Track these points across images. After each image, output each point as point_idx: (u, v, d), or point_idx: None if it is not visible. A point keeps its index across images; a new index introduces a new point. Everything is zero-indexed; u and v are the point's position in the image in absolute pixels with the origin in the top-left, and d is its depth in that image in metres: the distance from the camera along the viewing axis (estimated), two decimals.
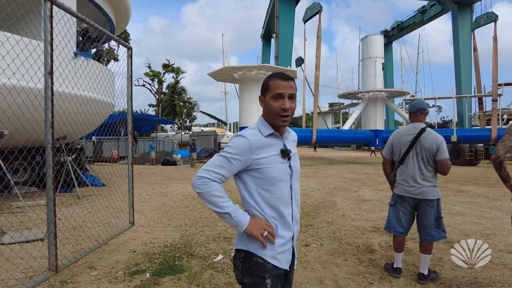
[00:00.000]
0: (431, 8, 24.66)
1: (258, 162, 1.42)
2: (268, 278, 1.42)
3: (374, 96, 24.41)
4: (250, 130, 1.48)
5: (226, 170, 1.41)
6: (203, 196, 1.40)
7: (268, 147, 1.45)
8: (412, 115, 3.29)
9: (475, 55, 21.58)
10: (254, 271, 1.43)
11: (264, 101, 1.48)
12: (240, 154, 1.40)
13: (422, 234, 3.17)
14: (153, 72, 45.68)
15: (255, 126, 1.51)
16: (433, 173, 3.14)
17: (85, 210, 5.94)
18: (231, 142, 1.44)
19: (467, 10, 22.34)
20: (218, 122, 49.44)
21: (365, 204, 7.04)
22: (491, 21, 20.14)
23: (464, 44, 22.16)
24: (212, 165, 1.41)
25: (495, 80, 19.01)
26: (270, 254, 1.43)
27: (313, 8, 19.30)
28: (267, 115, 1.49)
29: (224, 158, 1.40)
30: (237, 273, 1.50)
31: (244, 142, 1.41)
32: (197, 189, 1.40)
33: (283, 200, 1.47)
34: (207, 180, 1.39)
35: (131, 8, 11.34)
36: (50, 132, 2.73)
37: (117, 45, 6.71)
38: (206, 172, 1.40)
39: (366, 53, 25.56)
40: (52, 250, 2.79)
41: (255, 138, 1.43)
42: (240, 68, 18.41)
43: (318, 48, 19.06)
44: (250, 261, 1.44)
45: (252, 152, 1.41)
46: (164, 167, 16.86)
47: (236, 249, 1.51)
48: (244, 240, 1.47)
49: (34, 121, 4.13)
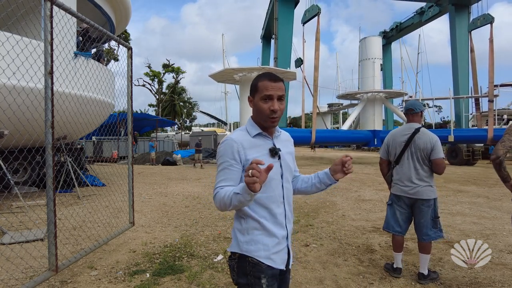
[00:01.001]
0: (429, 9, 25.00)
1: (249, 162, 1.40)
2: (264, 278, 1.42)
3: (373, 96, 24.64)
4: (237, 132, 1.49)
5: (231, 179, 1.40)
6: (223, 206, 1.35)
7: (257, 146, 1.45)
8: (408, 115, 3.33)
9: (472, 56, 21.78)
10: (249, 271, 1.43)
11: (253, 102, 1.48)
12: (233, 157, 1.40)
13: (419, 234, 3.19)
14: (153, 72, 45.68)
15: (244, 127, 1.52)
16: (429, 173, 3.15)
17: (85, 210, 5.95)
18: (219, 151, 1.44)
19: (464, 12, 22.65)
20: (218, 122, 49.42)
21: (365, 204, 7.04)
22: (487, 22, 20.28)
23: (461, 45, 22.47)
24: (217, 182, 1.41)
25: (491, 81, 19.17)
26: (264, 254, 1.43)
27: (311, 10, 19.51)
28: (256, 116, 1.49)
29: (222, 170, 1.41)
30: (232, 273, 1.50)
31: (230, 145, 1.41)
32: (217, 207, 1.39)
33: (275, 199, 1.47)
34: (216, 194, 1.39)
35: (131, 8, 11.34)
36: (50, 132, 2.73)
37: (117, 45, 6.71)
38: (215, 190, 1.40)
39: (365, 54, 25.82)
40: (52, 250, 2.79)
41: (242, 138, 1.44)
42: (240, 70, 18.62)
43: (316, 49, 19.25)
44: (245, 261, 1.44)
45: (242, 152, 1.41)
46: (164, 167, 16.87)
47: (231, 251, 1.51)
48: (237, 243, 1.47)
49: (34, 121, 4.13)
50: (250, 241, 1.44)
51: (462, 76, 22.44)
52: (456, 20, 22.46)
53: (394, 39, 30.92)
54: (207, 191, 8.68)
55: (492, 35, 19.46)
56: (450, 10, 23.05)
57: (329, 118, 49.50)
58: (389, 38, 30.54)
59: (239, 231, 1.48)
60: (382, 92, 24.72)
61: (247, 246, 1.44)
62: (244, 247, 1.44)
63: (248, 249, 1.43)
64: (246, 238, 1.45)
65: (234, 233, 1.51)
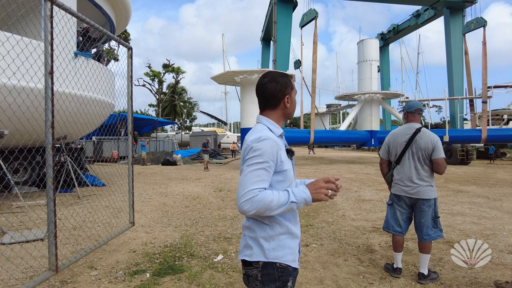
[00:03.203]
0: (425, 12, 25.59)
1: (281, 164, 1.38)
2: (290, 281, 1.42)
3: (370, 98, 25.21)
4: (266, 131, 1.40)
5: (267, 181, 1.32)
6: (262, 211, 1.27)
7: (282, 148, 1.42)
8: (408, 115, 3.33)
9: (466, 59, 22.39)
10: (278, 277, 1.40)
11: (290, 99, 1.48)
12: (273, 159, 1.33)
13: (420, 233, 3.19)
14: (153, 72, 45.70)
15: (264, 126, 1.44)
16: (429, 173, 3.15)
17: (85, 210, 5.95)
18: (260, 149, 1.31)
19: (459, 15, 23.27)
20: (218, 122, 49.41)
21: (365, 204, 7.04)
22: (480, 26, 20.86)
23: (456, 47, 23.12)
24: (252, 182, 1.27)
25: (485, 82, 19.70)
26: (292, 258, 1.43)
27: (309, 14, 20.13)
28: (286, 114, 1.50)
29: (261, 169, 1.29)
30: (254, 283, 1.41)
31: (273, 145, 1.33)
32: (252, 211, 1.26)
33: None
34: (256, 197, 1.26)
35: (131, 8, 11.34)
36: (50, 132, 2.73)
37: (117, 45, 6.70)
38: (251, 192, 1.26)
39: (362, 56, 26.45)
40: (52, 250, 2.79)
41: (276, 138, 1.39)
42: (241, 72, 19.13)
43: (314, 52, 19.84)
44: (273, 268, 1.39)
45: (279, 153, 1.36)
46: (164, 167, 16.86)
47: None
48: (262, 251, 1.40)
49: (34, 121, 4.14)
50: (277, 247, 1.40)
51: (456, 77, 23.13)
52: (450, 23, 23.18)
53: (391, 40, 31.64)
54: (207, 191, 8.68)
55: (485, 38, 20.01)
56: (445, 13, 23.73)
57: (327, 118, 49.66)
58: (386, 40, 31.26)
59: (264, 239, 1.40)
60: (379, 93, 25.34)
61: (274, 252, 1.39)
62: (271, 254, 1.39)
63: (276, 255, 1.39)
64: (273, 245, 1.39)
65: (257, 241, 1.41)
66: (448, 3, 22.72)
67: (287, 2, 21.38)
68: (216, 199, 7.53)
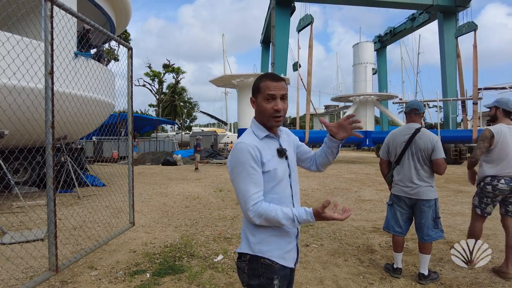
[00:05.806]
0: (420, 16, 26.10)
1: (265, 165, 1.40)
2: (276, 279, 1.42)
3: (365, 99, 25.68)
4: (246, 136, 1.46)
5: (260, 185, 1.37)
6: (265, 223, 1.37)
7: (267, 149, 1.44)
8: (407, 115, 3.34)
9: (458, 61, 22.88)
10: (262, 272, 1.41)
11: (256, 103, 1.47)
12: (254, 162, 1.37)
13: (420, 234, 3.18)
14: (154, 72, 45.70)
15: (249, 130, 1.50)
16: (429, 173, 3.15)
17: (85, 210, 5.95)
18: (235, 158, 1.39)
19: (452, 19, 23.95)
20: (218, 122, 49.42)
21: (365, 204, 7.04)
22: (471, 30, 21.22)
23: (449, 50, 23.76)
24: (248, 190, 1.35)
25: (475, 84, 20.19)
26: (278, 254, 1.43)
27: (305, 19, 20.74)
28: (259, 117, 1.48)
29: (247, 177, 1.35)
30: (242, 275, 1.47)
31: (246, 149, 1.37)
32: (258, 220, 1.36)
33: (285, 199, 1.47)
34: (257, 206, 1.34)
35: (131, 8, 11.35)
36: (51, 132, 2.73)
37: (117, 45, 6.71)
38: (250, 201, 1.35)
39: (357, 59, 27.02)
40: (52, 250, 2.79)
41: (254, 141, 1.42)
42: (238, 76, 19.79)
43: (310, 55, 20.33)
44: (257, 262, 1.42)
45: (259, 154, 1.39)
46: (164, 167, 16.86)
47: (240, 253, 1.48)
48: (248, 244, 1.44)
49: (35, 121, 4.14)
50: (262, 242, 1.42)
51: (450, 79, 23.76)
52: (444, 26, 23.86)
53: (388, 43, 32.14)
54: (207, 191, 8.68)
55: (475, 41, 20.42)
56: (438, 17, 24.40)
57: (326, 119, 49.93)
58: (383, 42, 31.81)
59: (250, 232, 1.44)
60: (374, 95, 25.89)
61: (259, 246, 1.42)
62: (256, 248, 1.42)
63: (260, 249, 1.42)
64: (257, 239, 1.42)
65: (244, 234, 1.48)
66: (441, 7, 23.38)
67: (285, 7, 22.08)
68: (216, 199, 7.54)
